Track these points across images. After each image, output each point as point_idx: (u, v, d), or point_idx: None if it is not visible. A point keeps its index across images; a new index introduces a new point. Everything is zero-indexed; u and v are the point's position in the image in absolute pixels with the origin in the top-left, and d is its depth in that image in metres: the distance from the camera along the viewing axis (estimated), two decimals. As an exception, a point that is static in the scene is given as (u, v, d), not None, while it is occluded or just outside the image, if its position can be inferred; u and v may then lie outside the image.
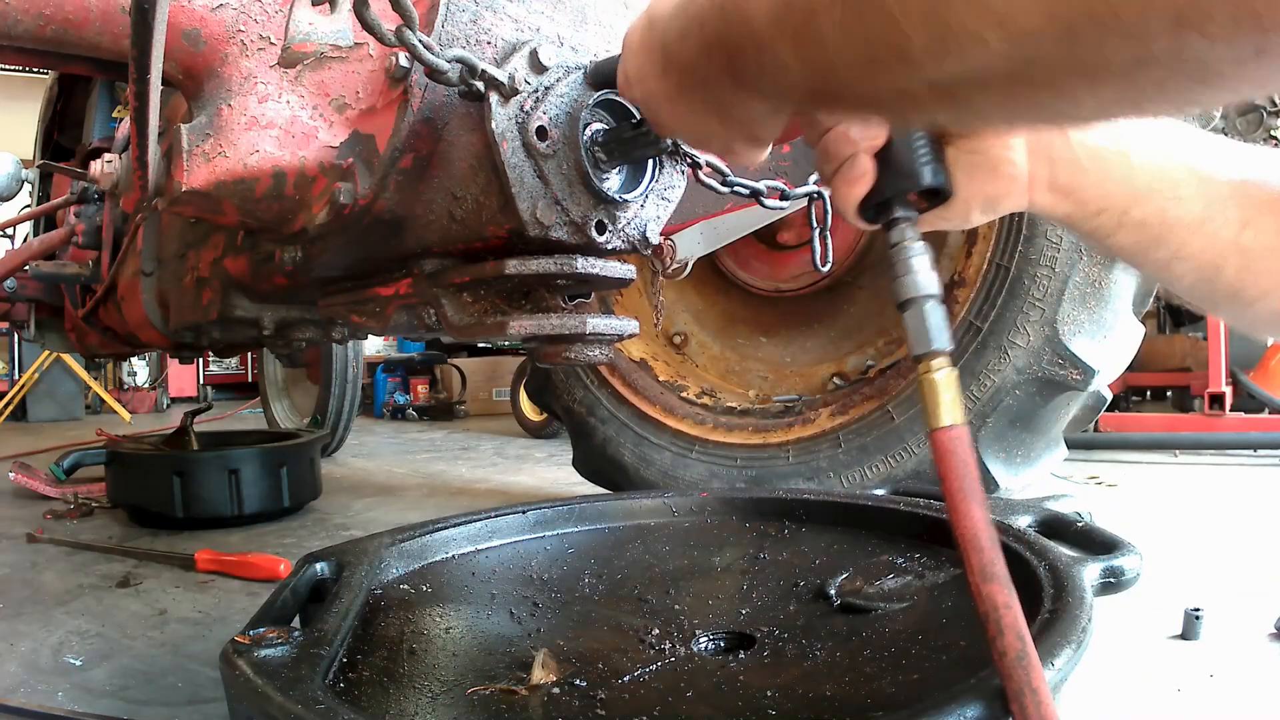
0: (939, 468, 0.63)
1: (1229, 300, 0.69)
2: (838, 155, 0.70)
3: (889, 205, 0.70)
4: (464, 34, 0.88)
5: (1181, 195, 0.68)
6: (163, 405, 7.90)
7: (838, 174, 0.70)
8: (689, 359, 2.43)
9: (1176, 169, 0.68)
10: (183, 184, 0.91)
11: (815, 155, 0.73)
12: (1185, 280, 0.70)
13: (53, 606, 1.67)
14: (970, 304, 1.80)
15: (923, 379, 0.65)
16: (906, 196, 0.70)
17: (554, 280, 0.94)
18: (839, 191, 0.71)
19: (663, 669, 0.84)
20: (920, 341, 0.66)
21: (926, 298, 0.67)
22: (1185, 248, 0.68)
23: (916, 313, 0.67)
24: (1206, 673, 1.21)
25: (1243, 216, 0.67)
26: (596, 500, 1.35)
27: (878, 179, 0.69)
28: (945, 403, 0.64)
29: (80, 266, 2.02)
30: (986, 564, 0.60)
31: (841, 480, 1.90)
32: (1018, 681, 0.57)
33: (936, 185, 0.70)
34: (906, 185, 0.70)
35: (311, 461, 2.62)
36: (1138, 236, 0.70)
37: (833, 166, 0.71)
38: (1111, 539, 0.96)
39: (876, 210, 0.71)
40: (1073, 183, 0.71)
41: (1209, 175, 0.68)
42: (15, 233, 4.18)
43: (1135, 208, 0.69)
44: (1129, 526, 2.13)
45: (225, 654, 0.74)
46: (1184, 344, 4.58)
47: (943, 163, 0.71)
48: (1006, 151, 0.70)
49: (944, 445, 0.64)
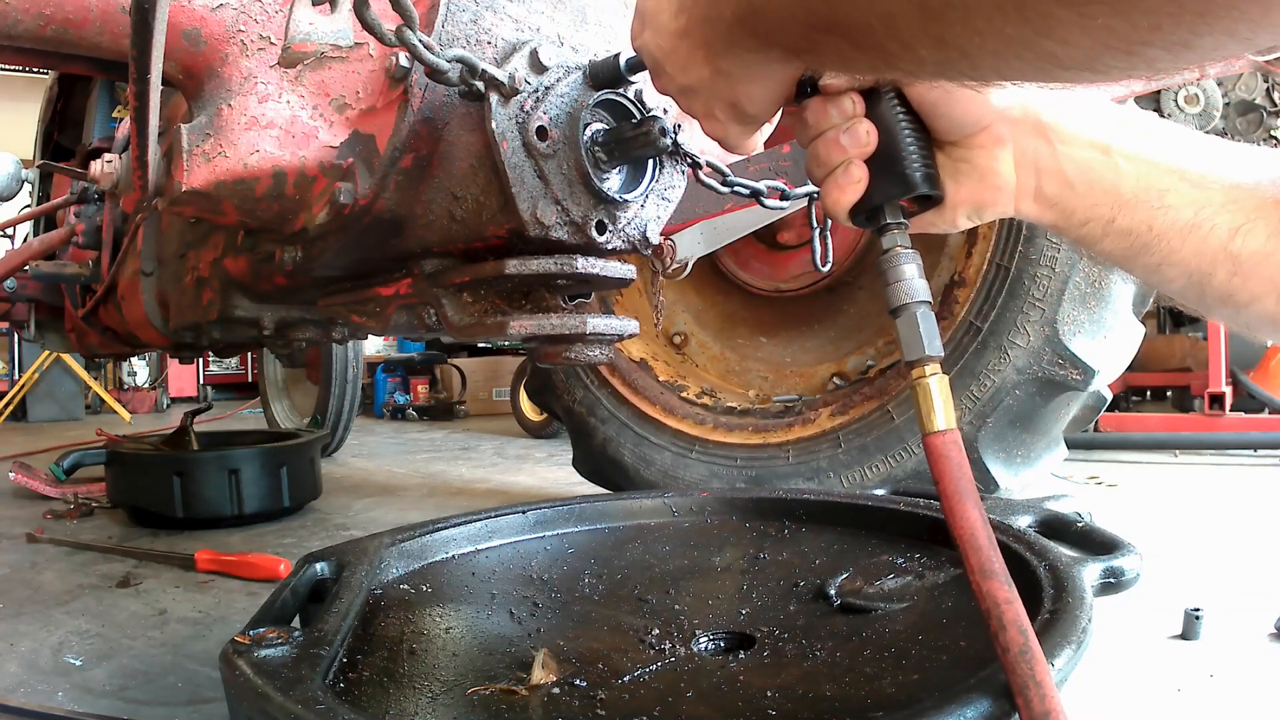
0: (934, 471, 0.65)
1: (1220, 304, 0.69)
2: (829, 161, 0.71)
3: (880, 211, 0.71)
4: (464, 34, 0.88)
5: (1169, 203, 0.68)
6: (163, 405, 7.90)
7: (829, 179, 0.71)
8: (689, 359, 2.43)
9: (1165, 176, 0.68)
10: (183, 184, 0.91)
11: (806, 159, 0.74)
12: (1175, 285, 0.71)
13: (53, 606, 1.67)
14: (970, 304, 1.80)
15: (916, 384, 0.67)
16: (898, 202, 0.71)
17: (554, 280, 0.94)
18: (831, 196, 0.71)
19: (663, 669, 0.84)
20: (913, 348, 0.68)
21: (919, 304, 0.68)
22: (1174, 254, 0.68)
23: (909, 319, 0.68)
24: (1206, 673, 1.20)
25: (1233, 222, 0.66)
26: (596, 500, 1.35)
27: (870, 185, 0.70)
28: (938, 407, 0.66)
29: (80, 266, 2.02)
30: (985, 562, 0.61)
31: (841, 480, 1.90)
32: (1021, 675, 0.57)
33: (928, 192, 0.71)
34: (898, 191, 0.70)
35: (311, 461, 2.62)
36: (1125, 244, 0.70)
37: (824, 171, 0.71)
38: (1111, 539, 0.96)
39: (868, 216, 0.72)
40: (1058, 193, 0.71)
41: (1199, 180, 0.68)
42: (15, 233, 4.19)
43: (1121, 216, 0.69)
44: (1129, 526, 2.13)
45: (225, 654, 0.74)
46: (1184, 344, 4.58)
47: (933, 169, 0.71)
48: (994, 162, 0.71)
49: (938, 449, 0.65)
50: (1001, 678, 0.62)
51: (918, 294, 0.69)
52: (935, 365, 0.67)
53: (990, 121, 0.70)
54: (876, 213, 0.71)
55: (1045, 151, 0.71)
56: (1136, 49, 0.43)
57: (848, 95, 0.70)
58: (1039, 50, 0.46)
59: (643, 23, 0.74)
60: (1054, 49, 0.45)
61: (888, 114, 0.70)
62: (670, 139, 0.87)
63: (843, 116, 0.70)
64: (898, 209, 0.71)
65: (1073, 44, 0.44)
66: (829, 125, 0.70)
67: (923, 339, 0.67)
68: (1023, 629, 0.59)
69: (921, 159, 0.70)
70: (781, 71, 0.67)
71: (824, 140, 0.71)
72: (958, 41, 0.48)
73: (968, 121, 0.70)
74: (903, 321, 0.68)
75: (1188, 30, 0.40)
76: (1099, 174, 0.69)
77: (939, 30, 0.48)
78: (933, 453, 0.65)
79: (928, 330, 0.68)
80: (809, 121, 0.72)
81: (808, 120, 0.72)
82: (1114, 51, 0.44)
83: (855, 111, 0.70)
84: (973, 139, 0.71)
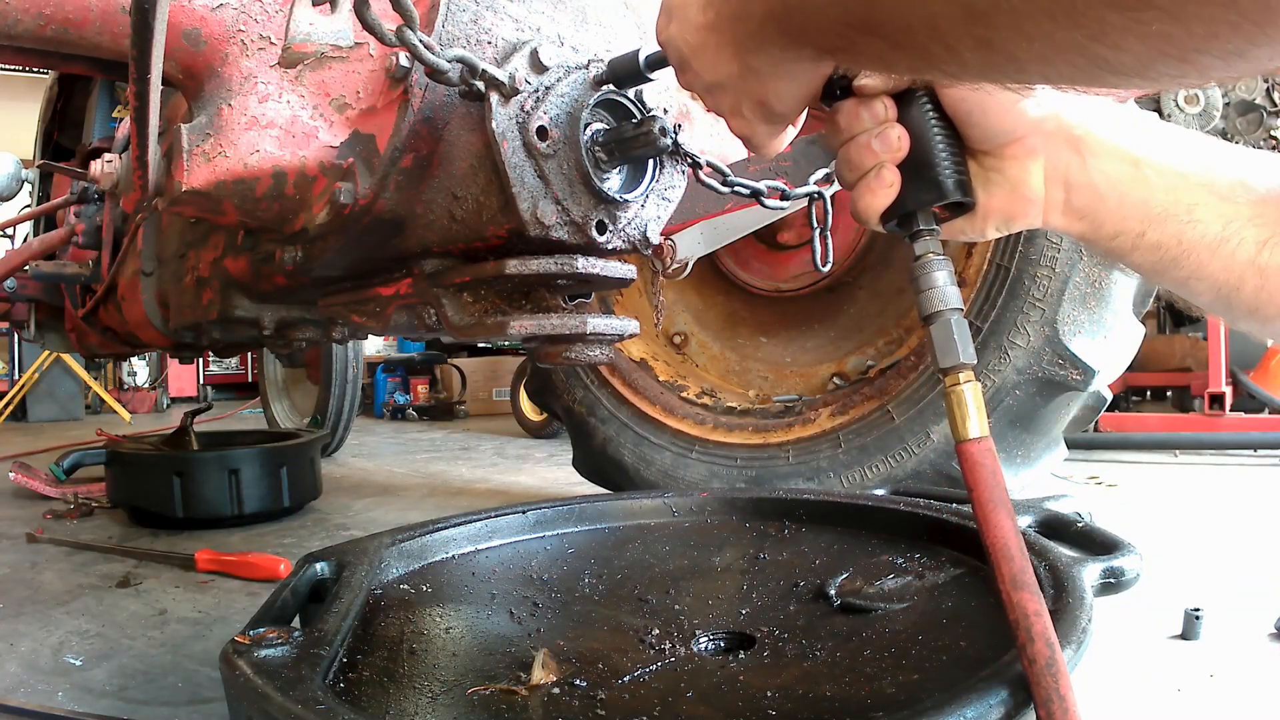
0: (967, 478, 0.65)
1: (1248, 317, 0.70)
2: (861, 164, 0.70)
3: (913, 217, 0.70)
4: (464, 34, 0.88)
5: (1198, 217, 0.68)
6: (163, 405, 7.90)
7: (861, 183, 0.70)
8: (689, 359, 2.43)
9: (1194, 189, 0.68)
10: (183, 184, 0.91)
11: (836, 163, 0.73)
12: (1204, 298, 0.71)
13: (53, 606, 1.67)
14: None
15: (949, 391, 0.67)
16: (930, 209, 0.70)
17: (554, 280, 0.94)
18: (863, 200, 0.70)
19: (663, 669, 0.84)
20: (947, 355, 0.68)
21: (952, 311, 0.68)
22: (1203, 268, 0.68)
23: (943, 326, 0.68)
24: (1206, 673, 1.21)
25: (1260, 235, 0.66)
26: (596, 500, 1.35)
27: (902, 190, 0.69)
28: (972, 414, 0.66)
29: (80, 266, 2.02)
30: (1017, 572, 0.61)
31: (841, 480, 1.90)
32: (1045, 688, 0.58)
33: (961, 199, 0.70)
34: (931, 197, 0.70)
35: (311, 461, 2.62)
36: (1154, 257, 0.70)
37: (856, 175, 0.71)
38: (1111, 539, 0.96)
39: (900, 221, 0.71)
40: (1088, 206, 0.71)
41: (1228, 193, 0.68)
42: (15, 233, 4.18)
43: (1151, 230, 0.69)
44: (1129, 526, 2.13)
45: (225, 654, 0.74)
46: (1184, 344, 4.58)
47: (966, 176, 0.70)
48: (1025, 174, 0.71)
49: (972, 456, 0.65)
50: (1001, 677, 0.62)
51: (950, 301, 0.69)
52: (969, 372, 0.67)
53: (1024, 133, 0.70)
54: (909, 218, 0.71)
55: (1076, 164, 0.70)
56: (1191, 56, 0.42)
57: (880, 99, 0.69)
58: (1090, 55, 0.44)
59: (669, 16, 0.73)
60: (1105, 54, 0.44)
61: (921, 119, 0.69)
62: (670, 139, 0.87)
63: (875, 120, 0.69)
64: (930, 215, 0.71)
65: (1126, 50, 0.43)
66: (861, 129, 0.70)
67: (957, 346, 0.67)
68: (1050, 642, 0.59)
69: (955, 166, 0.69)
70: (812, 70, 0.66)
71: (856, 144, 0.70)
72: (1004, 45, 0.46)
73: (1002, 131, 0.70)
74: (937, 328, 0.68)
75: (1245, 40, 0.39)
76: (1129, 188, 0.69)
77: (985, 33, 0.46)
78: (966, 460, 0.65)
79: (961, 337, 0.68)
80: (841, 125, 0.71)
81: (839, 123, 0.71)
82: (1167, 59, 0.42)
83: (888, 115, 0.69)
84: (1005, 149, 0.70)
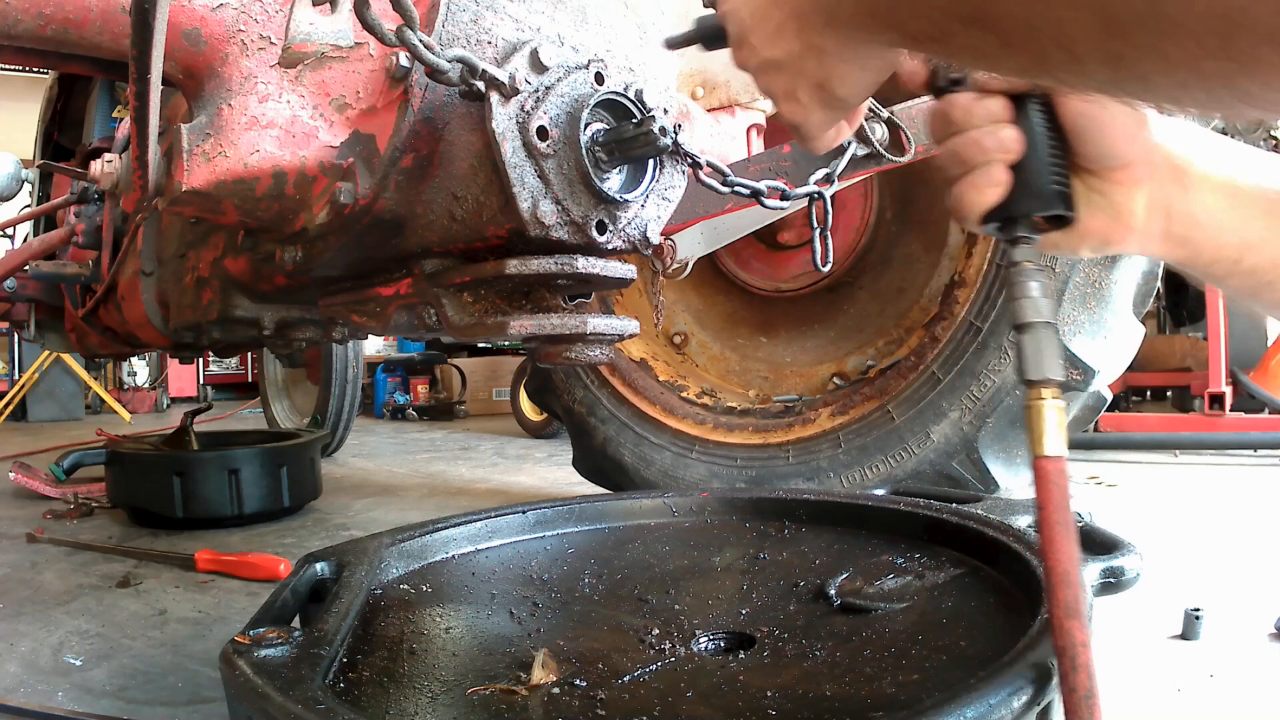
0: (1038, 495, 0.64)
1: None
2: (970, 160, 0.68)
3: (1014, 222, 0.69)
4: (464, 34, 0.88)
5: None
6: (163, 405, 7.89)
7: (967, 178, 0.68)
8: (689, 359, 2.43)
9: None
10: (183, 184, 0.91)
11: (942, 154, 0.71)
12: None
13: (53, 606, 1.67)
14: (970, 304, 1.80)
15: (1032, 405, 0.66)
16: (1033, 217, 0.69)
17: (554, 280, 0.94)
18: (966, 196, 0.69)
19: (663, 669, 0.84)
20: (1035, 368, 0.66)
21: (1045, 324, 0.67)
22: None
23: (1035, 338, 0.67)
24: (1206, 673, 1.20)
25: None
26: (596, 500, 1.35)
27: (1009, 193, 0.68)
28: (1051, 431, 0.65)
29: (80, 266, 2.02)
30: (1072, 600, 0.61)
31: (841, 480, 1.90)
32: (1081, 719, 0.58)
33: (1064, 213, 0.69)
34: (1038, 205, 0.68)
35: (311, 461, 2.62)
36: (1251, 282, 0.71)
37: (963, 170, 0.69)
38: (1111, 539, 0.96)
39: (1001, 224, 0.70)
40: (1187, 235, 0.71)
41: None
42: (15, 233, 4.18)
43: (1248, 256, 0.70)
44: (1129, 526, 2.13)
45: (225, 654, 0.74)
46: (1184, 344, 4.58)
47: (1070, 191, 0.69)
48: (1130, 201, 0.70)
49: (1046, 474, 0.64)
50: (1002, 678, 0.63)
51: (1044, 313, 0.67)
52: (1055, 389, 0.66)
53: (1134, 160, 0.69)
54: (1010, 223, 0.69)
55: (1178, 195, 0.70)
56: None
57: (999, 96, 0.67)
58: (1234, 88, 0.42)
59: None
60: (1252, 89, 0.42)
61: (1035, 125, 0.68)
62: (671, 139, 0.87)
63: (989, 118, 0.67)
64: (1032, 223, 0.70)
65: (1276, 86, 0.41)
66: (974, 124, 0.68)
67: (1045, 360, 0.66)
68: (1091, 674, 0.59)
69: (1063, 178, 0.69)
70: (884, 57, 0.65)
71: (967, 138, 0.68)
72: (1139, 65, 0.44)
73: (1114, 155, 0.68)
74: (1028, 339, 0.67)
75: None
76: (1227, 217, 0.70)
77: (1119, 48, 0.44)
78: (1041, 477, 0.64)
79: (1050, 352, 0.67)
80: (954, 117, 0.69)
81: (952, 116, 0.69)
82: None
83: (1003, 115, 0.67)
84: (1113, 173, 0.69)
